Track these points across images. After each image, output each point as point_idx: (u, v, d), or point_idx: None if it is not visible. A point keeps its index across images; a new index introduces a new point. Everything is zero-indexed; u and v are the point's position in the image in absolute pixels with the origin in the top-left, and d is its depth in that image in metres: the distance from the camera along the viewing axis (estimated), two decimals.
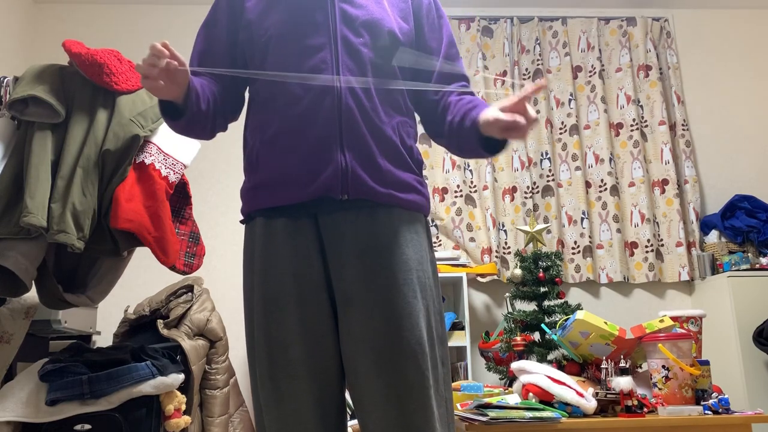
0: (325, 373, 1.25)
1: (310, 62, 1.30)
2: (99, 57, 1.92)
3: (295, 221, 1.29)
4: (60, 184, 1.81)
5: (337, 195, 1.26)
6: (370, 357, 1.21)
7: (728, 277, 3.16)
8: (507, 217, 3.56)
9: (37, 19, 3.66)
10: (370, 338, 1.22)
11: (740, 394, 3.02)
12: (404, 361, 1.21)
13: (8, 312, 2.13)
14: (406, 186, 1.33)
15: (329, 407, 1.25)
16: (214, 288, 3.35)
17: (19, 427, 1.95)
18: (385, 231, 1.28)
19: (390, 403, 1.20)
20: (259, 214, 1.32)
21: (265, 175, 1.31)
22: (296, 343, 1.24)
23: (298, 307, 1.25)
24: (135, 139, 1.92)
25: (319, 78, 1.28)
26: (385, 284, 1.24)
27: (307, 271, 1.27)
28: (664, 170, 3.64)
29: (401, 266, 1.26)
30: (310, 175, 1.27)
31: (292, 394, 1.23)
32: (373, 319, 1.23)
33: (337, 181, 1.26)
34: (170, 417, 2.08)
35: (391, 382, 1.20)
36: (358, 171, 1.27)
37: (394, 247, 1.27)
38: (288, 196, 1.28)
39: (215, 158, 3.56)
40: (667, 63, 3.80)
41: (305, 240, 1.28)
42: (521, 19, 3.84)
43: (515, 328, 2.77)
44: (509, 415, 1.78)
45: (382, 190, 1.28)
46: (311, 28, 1.33)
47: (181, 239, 2.15)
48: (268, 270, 1.28)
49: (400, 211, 1.31)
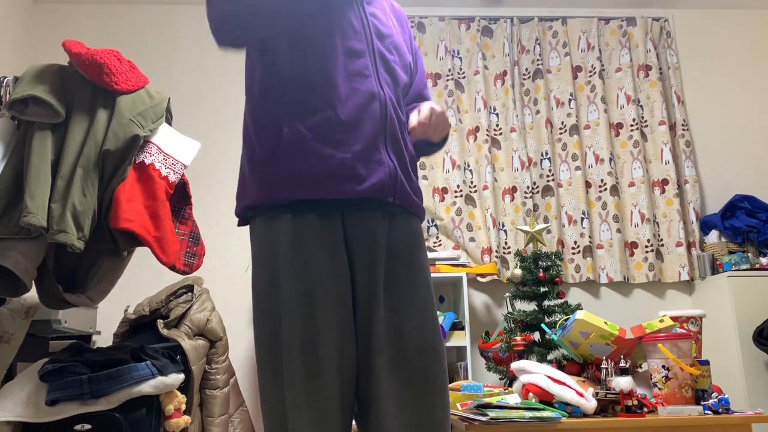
0: (348, 372, 1.25)
1: (354, 65, 1.32)
2: (99, 57, 1.92)
3: (326, 218, 1.26)
4: (60, 184, 1.81)
5: (387, 197, 1.29)
6: (390, 354, 1.24)
7: (728, 277, 3.16)
8: (507, 217, 3.56)
9: (37, 19, 3.66)
10: (392, 336, 1.24)
11: (740, 394, 3.02)
12: (427, 360, 1.25)
13: (8, 312, 2.13)
14: (419, 193, 1.41)
15: (347, 408, 1.25)
16: (214, 288, 3.35)
17: (19, 427, 1.95)
18: (404, 232, 1.34)
19: (408, 401, 1.21)
20: (283, 211, 1.25)
21: (306, 165, 1.24)
22: (326, 342, 1.21)
23: (330, 306, 1.23)
24: (135, 139, 1.92)
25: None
26: (407, 284, 1.29)
27: (338, 269, 1.25)
28: (664, 170, 3.64)
29: (420, 268, 1.33)
30: (364, 173, 1.26)
31: (322, 392, 1.21)
32: (396, 318, 1.26)
33: (390, 183, 1.29)
34: (170, 417, 2.08)
35: (411, 380, 1.23)
36: (401, 175, 1.33)
37: (414, 249, 1.33)
38: (333, 190, 1.24)
39: (215, 158, 3.55)
40: (667, 63, 3.80)
41: (336, 237, 1.27)
42: (521, 19, 3.85)
43: (515, 328, 2.77)
44: (509, 415, 1.78)
45: (415, 199, 1.37)
46: (351, 30, 1.35)
47: (181, 239, 2.15)
48: (302, 266, 1.23)
49: (413, 218, 1.38)
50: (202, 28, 3.73)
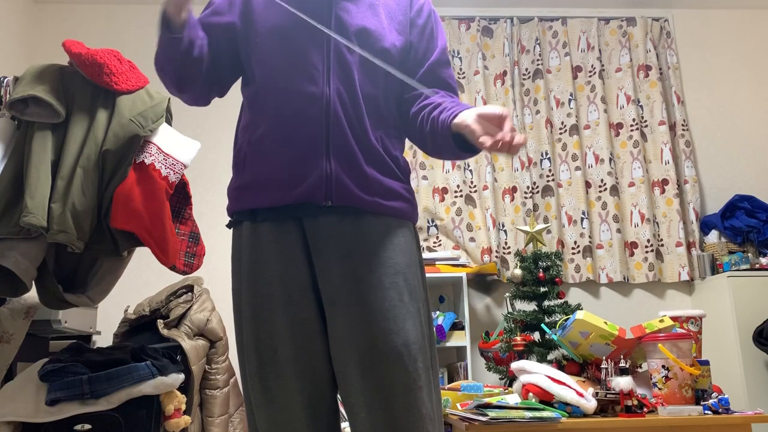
0: (314, 374, 1.25)
1: (301, 66, 1.32)
2: (99, 57, 1.92)
3: (281, 224, 1.30)
4: (60, 184, 1.81)
5: (320, 201, 1.27)
6: (356, 359, 1.22)
7: (728, 277, 3.16)
8: (507, 217, 3.56)
9: (37, 19, 3.66)
10: (356, 340, 1.22)
11: (740, 394, 3.02)
12: (390, 363, 1.21)
13: (8, 312, 2.13)
14: (393, 194, 1.34)
15: (320, 408, 1.26)
16: (214, 288, 3.34)
17: (19, 427, 1.95)
18: (371, 234, 1.29)
19: (376, 405, 1.20)
20: (245, 218, 1.33)
21: (250, 176, 1.33)
22: (284, 344, 1.25)
23: (285, 309, 1.26)
24: (135, 139, 1.92)
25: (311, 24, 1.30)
26: (369, 287, 1.25)
27: (293, 273, 1.27)
28: (664, 170, 3.64)
29: (387, 269, 1.27)
30: (294, 179, 1.28)
31: (281, 393, 1.24)
32: (358, 322, 1.23)
33: (321, 187, 1.27)
34: (170, 417, 2.08)
35: (377, 384, 1.20)
36: (342, 178, 1.28)
37: (380, 250, 1.28)
38: (272, 198, 1.29)
39: (215, 158, 3.55)
40: (667, 63, 3.80)
41: (291, 242, 1.29)
42: (521, 19, 3.85)
43: (515, 328, 2.77)
44: (509, 415, 1.78)
45: (368, 198, 1.29)
46: (305, 32, 1.34)
47: (181, 239, 2.15)
48: (255, 273, 1.29)
49: (387, 218, 1.32)
50: None
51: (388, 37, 1.38)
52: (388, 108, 1.40)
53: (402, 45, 1.40)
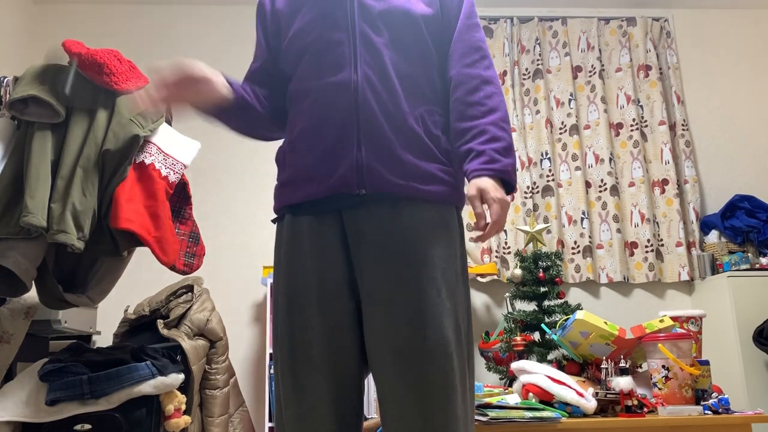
0: (345, 372, 1.25)
1: (328, 58, 1.33)
2: (99, 57, 1.92)
3: (320, 218, 1.30)
4: (60, 184, 1.81)
5: (353, 190, 1.26)
6: (391, 355, 1.21)
7: (728, 277, 3.16)
8: (507, 217, 3.55)
9: (37, 19, 3.66)
10: (393, 337, 1.21)
11: (740, 394, 3.02)
12: (427, 361, 1.19)
13: (8, 312, 2.13)
14: (430, 177, 1.29)
15: (347, 406, 1.26)
16: (214, 288, 3.35)
17: (19, 427, 1.95)
18: (408, 225, 1.26)
19: (410, 403, 1.19)
20: (287, 212, 1.35)
21: (289, 173, 1.36)
22: (318, 341, 1.25)
23: (319, 306, 1.26)
24: (135, 139, 1.92)
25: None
26: (407, 282, 1.23)
27: (329, 267, 1.27)
28: (664, 170, 3.64)
29: (425, 264, 1.24)
30: (327, 171, 1.28)
31: (312, 390, 1.24)
32: (395, 318, 1.22)
33: (353, 176, 1.26)
34: (170, 417, 2.08)
35: (413, 382, 1.19)
36: (374, 165, 1.26)
37: (418, 243, 1.25)
38: (309, 191, 1.30)
39: (215, 158, 3.55)
40: (667, 63, 3.80)
41: (329, 235, 1.29)
42: (521, 19, 3.84)
43: (515, 328, 2.77)
44: (509, 415, 1.78)
45: (402, 183, 1.27)
46: (332, 22, 1.35)
47: (181, 239, 2.15)
48: (292, 268, 1.30)
49: (425, 205, 1.28)
50: (202, 28, 3.73)
51: (414, 8, 1.37)
52: (431, 83, 1.37)
53: (431, 14, 1.39)
